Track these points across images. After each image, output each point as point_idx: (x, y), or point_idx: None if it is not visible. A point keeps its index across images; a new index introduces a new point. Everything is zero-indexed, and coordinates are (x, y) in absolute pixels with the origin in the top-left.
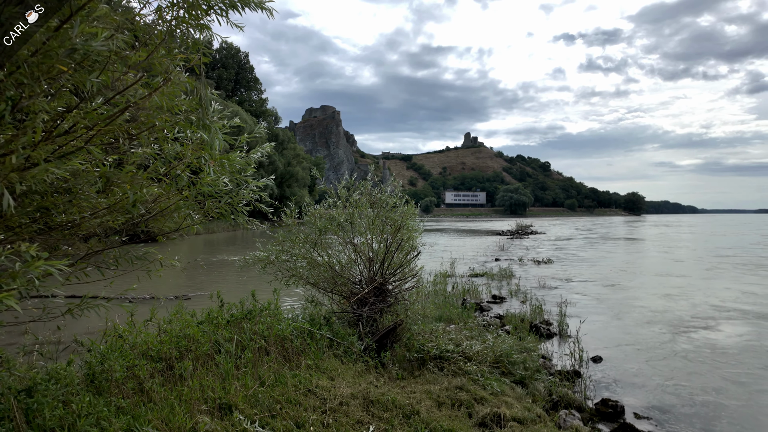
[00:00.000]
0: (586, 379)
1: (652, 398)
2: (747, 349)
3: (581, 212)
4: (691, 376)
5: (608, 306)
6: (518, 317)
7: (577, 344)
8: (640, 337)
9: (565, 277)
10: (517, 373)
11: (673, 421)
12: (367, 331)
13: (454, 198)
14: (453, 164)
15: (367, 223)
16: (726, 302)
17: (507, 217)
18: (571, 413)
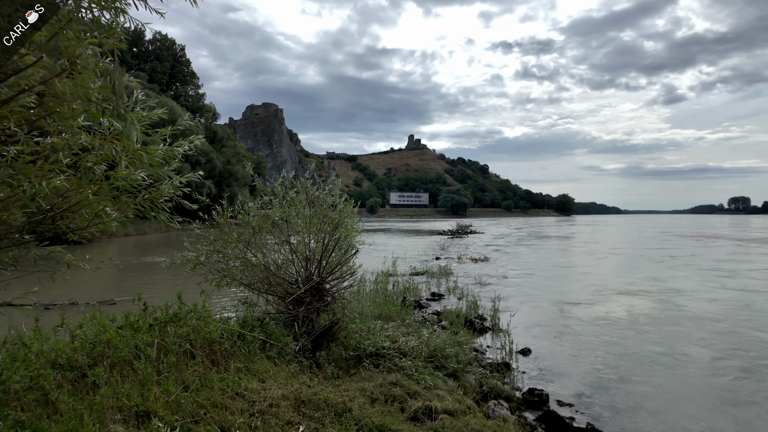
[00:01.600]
0: (515, 370)
1: (574, 386)
2: (664, 336)
3: (517, 213)
4: (610, 363)
5: (538, 300)
6: (454, 313)
7: (508, 337)
8: (567, 329)
9: (500, 274)
10: (450, 367)
11: (591, 405)
12: (302, 332)
13: (398, 199)
14: (397, 165)
15: (304, 222)
16: (646, 295)
17: (449, 217)
18: (499, 403)
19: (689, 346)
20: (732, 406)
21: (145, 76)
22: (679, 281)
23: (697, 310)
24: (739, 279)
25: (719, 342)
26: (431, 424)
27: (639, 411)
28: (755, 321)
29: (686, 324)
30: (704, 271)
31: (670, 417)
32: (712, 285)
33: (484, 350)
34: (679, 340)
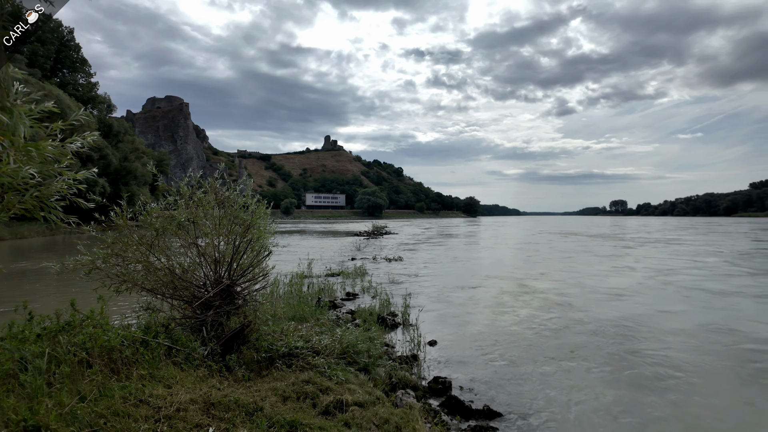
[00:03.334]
0: (422, 361)
1: (475, 372)
2: (555, 323)
3: (429, 214)
4: (507, 348)
5: (446, 294)
6: (368, 311)
7: (416, 331)
8: (470, 319)
9: (411, 272)
10: (362, 362)
11: (488, 388)
12: (211, 336)
13: (314, 200)
14: (314, 166)
15: (213, 223)
16: (539, 286)
17: (365, 218)
18: (406, 393)
19: (575, 330)
20: (615, 388)
21: (23, 60)
22: (564, 273)
23: (583, 298)
24: (617, 274)
25: (602, 327)
26: (342, 417)
27: (530, 391)
28: (624, 308)
29: (573, 310)
30: (588, 263)
31: (558, 396)
32: (598, 277)
33: (395, 344)
34: (566, 325)
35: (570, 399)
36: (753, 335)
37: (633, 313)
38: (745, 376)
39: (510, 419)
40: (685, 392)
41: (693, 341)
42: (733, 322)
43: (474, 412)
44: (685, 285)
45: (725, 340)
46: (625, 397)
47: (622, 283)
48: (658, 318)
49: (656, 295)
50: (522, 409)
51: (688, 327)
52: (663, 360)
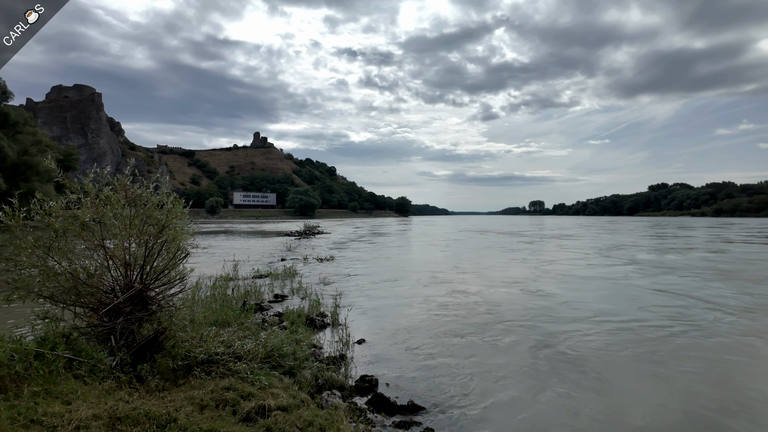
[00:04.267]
0: (350, 360)
1: (402, 368)
2: (478, 316)
3: (362, 214)
4: (433, 344)
5: (376, 293)
6: (296, 313)
7: (345, 330)
8: (399, 316)
9: (343, 272)
10: (287, 365)
11: (414, 384)
12: (121, 345)
13: (243, 199)
14: (242, 163)
15: (123, 224)
16: (462, 280)
17: (297, 218)
18: (332, 393)
19: (492, 321)
20: (532, 373)
21: None
22: (488, 269)
23: (495, 291)
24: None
25: (515, 316)
26: (264, 422)
27: (453, 383)
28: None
29: (489, 303)
30: (496, 258)
31: (478, 385)
32: (502, 269)
33: (323, 345)
34: (485, 317)
35: (489, 387)
36: (618, 312)
37: (536, 302)
38: (635, 353)
39: (432, 412)
40: (595, 372)
41: (592, 325)
42: (601, 304)
43: (399, 407)
44: (575, 274)
45: (610, 320)
46: (541, 381)
47: (523, 273)
48: (561, 306)
49: (554, 284)
50: (444, 401)
51: (587, 314)
52: (571, 344)
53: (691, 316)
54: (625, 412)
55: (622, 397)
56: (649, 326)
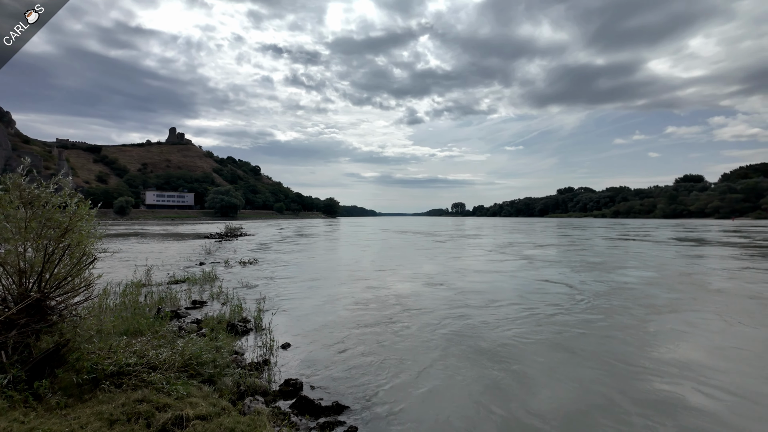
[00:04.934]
0: (274, 365)
1: (328, 370)
2: (404, 315)
3: (288, 215)
4: (359, 343)
5: (301, 294)
6: (216, 319)
7: (269, 335)
8: (325, 317)
9: (267, 275)
10: (206, 373)
11: (340, 385)
12: (15, 361)
13: (157, 199)
14: (156, 161)
15: (17, 227)
16: (387, 280)
17: (218, 219)
18: (255, 399)
19: (414, 316)
20: (457, 365)
21: None
22: (402, 267)
23: (412, 286)
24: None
25: (431, 310)
26: None
27: (378, 381)
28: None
29: (408, 298)
30: (411, 256)
31: (404, 381)
32: (417, 265)
33: (245, 351)
34: (406, 313)
35: (411, 380)
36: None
37: (442, 294)
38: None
39: (357, 410)
40: (513, 359)
41: (508, 313)
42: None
43: (324, 409)
44: (476, 269)
45: (506, 307)
46: (466, 372)
47: (432, 270)
48: (465, 297)
49: (457, 278)
50: (368, 398)
51: (487, 303)
52: (479, 332)
53: (564, 300)
54: (534, 393)
55: (528, 376)
56: (535, 310)
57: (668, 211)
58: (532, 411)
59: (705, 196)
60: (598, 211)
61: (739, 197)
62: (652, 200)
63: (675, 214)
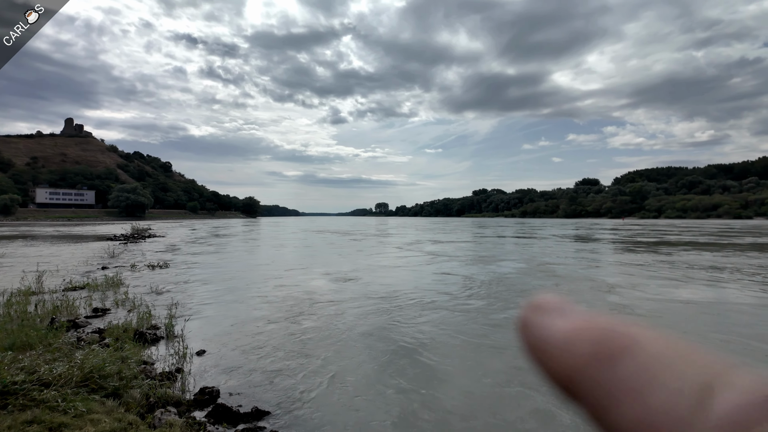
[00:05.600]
0: (187, 374)
1: (246, 375)
2: (323, 315)
3: (203, 214)
4: (279, 345)
5: (217, 298)
6: (121, 327)
7: (183, 342)
8: (243, 321)
9: (179, 279)
10: (111, 386)
11: (259, 389)
12: None
13: (50, 197)
14: (50, 154)
15: None
16: (314, 282)
17: (123, 219)
18: (167, 410)
19: (333, 316)
20: (379, 366)
21: None
22: (324, 266)
23: (330, 286)
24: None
25: (353, 309)
26: None
27: (299, 384)
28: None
29: (329, 298)
30: (329, 255)
31: (326, 382)
32: (336, 265)
33: (156, 360)
34: (324, 312)
35: (335, 381)
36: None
37: (361, 291)
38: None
39: (278, 415)
40: (431, 357)
41: (414, 305)
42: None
43: (243, 415)
44: (384, 264)
45: (416, 300)
46: (387, 372)
47: (345, 267)
48: (377, 292)
49: (368, 274)
50: (290, 402)
51: (397, 296)
52: (398, 327)
53: (458, 290)
54: (446, 385)
55: (441, 371)
56: (436, 301)
57: (569, 211)
58: (444, 407)
59: (600, 198)
60: (508, 212)
61: (628, 199)
62: (555, 201)
63: (575, 214)
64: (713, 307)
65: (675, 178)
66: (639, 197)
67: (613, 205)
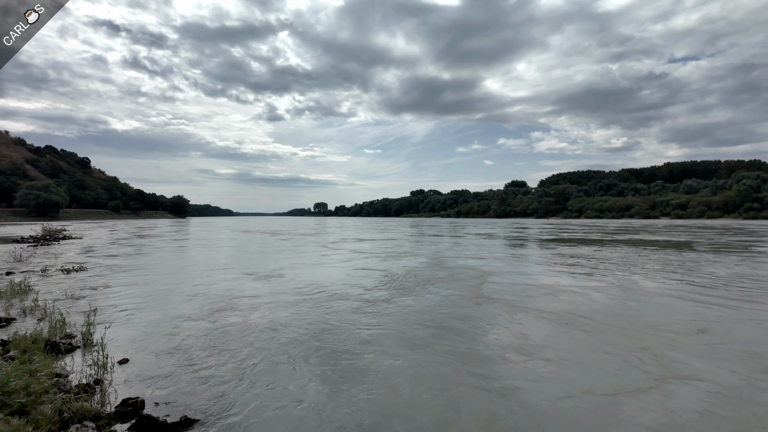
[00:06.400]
0: (108, 385)
1: (175, 383)
2: (252, 316)
3: (127, 214)
4: (213, 350)
5: (143, 304)
6: (30, 338)
7: (102, 351)
8: (171, 327)
9: (98, 284)
10: (16, 403)
11: (190, 397)
12: None
13: None
14: None
15: None
16: (240, 282)
17: (32, 219)
18: (83, 426)
19: (267, 319)
20: (313, 370)
21: None
22: (249, 266)
23: (264, 287)
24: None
25: (285, 311)
26: None
27: (233, 390)
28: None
29: (263, 298)
30: (252, 255)
31: (258, 387)
32: (263, 265)
33: (70, 372)
34: (259, 313)
35: (269, 384)
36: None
37: (285, 289)
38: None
39: (209, 422)
40: (368, 356)
41: (337, 301)
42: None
43: (170, 425)
44: (305, 262)
45: (342, 296)
46: (313, 368)
47: (273, 266)
48: (306, 291)
49: (293, 271)
50: (222, 409)
51: (327, 295)
52: (341, 333)
53: (368, 283)
54: (374, 383)
55: (371, 369)
56: (350, 293)
57: (500, 211)
58: (378, 406)
59: (527, 199)
60: (444, 212)
61: (552, 200)
62: (487, 202)
63: (505, 214)
64: (551, 288)
65: (594, 181)
66: (562, 198)
67: (539, 205)
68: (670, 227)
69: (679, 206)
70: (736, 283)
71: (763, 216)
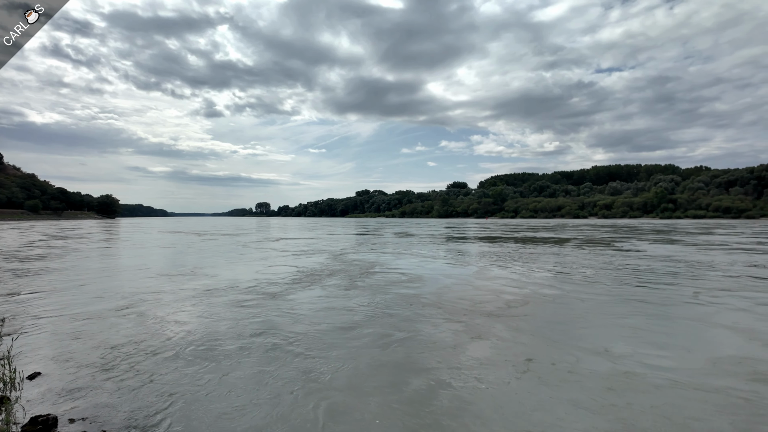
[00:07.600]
0: (15, 402)
1: (94, 396)
2: (189, 324)
3: (47, 214)
4: (136, 360)
5: (58, 311)
6: None
7: (9, 366)
8: (89, 335)
9: (8, 290)
10: None
11: (111, 410)
12: None
13: None
14: None
15: None
16: (161, 284)
17: None
18: None
19: (191, 321)
20: (250, 373)
21: None
22: (173, 267)
23: (197, 289)
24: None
25: (224, 311)
26: None
27: (157, 400)
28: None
29: (187, 301)
30: (177, 257)
31: (188, 394)
32: (191, 266)
33: None
34: (183, 317)
35: (197, 394)
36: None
37: (214, 290)
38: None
39: None
40: (318, 356)
41: (253, 297)
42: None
43: None
44: (224, 262)
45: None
46: (251, 373)
47: (191, 265)
48: (231, 291)
49: (214, 270)
50: (145, 421)
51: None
52: (284, 329)
53: (277, 279)
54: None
55: (316, 368)
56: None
57: (442, 211)
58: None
59: (467, 199)
60: (389, 212)
61: (490, 201)
62: (430, 202)
63: (447, 214)
64: (414, 276)
65: (528, 183)
66: (499, 199)
67: (479, 206)
68: (582, 226)
69: (605, 207)
70: (556, 268)
71: (677, 216)
